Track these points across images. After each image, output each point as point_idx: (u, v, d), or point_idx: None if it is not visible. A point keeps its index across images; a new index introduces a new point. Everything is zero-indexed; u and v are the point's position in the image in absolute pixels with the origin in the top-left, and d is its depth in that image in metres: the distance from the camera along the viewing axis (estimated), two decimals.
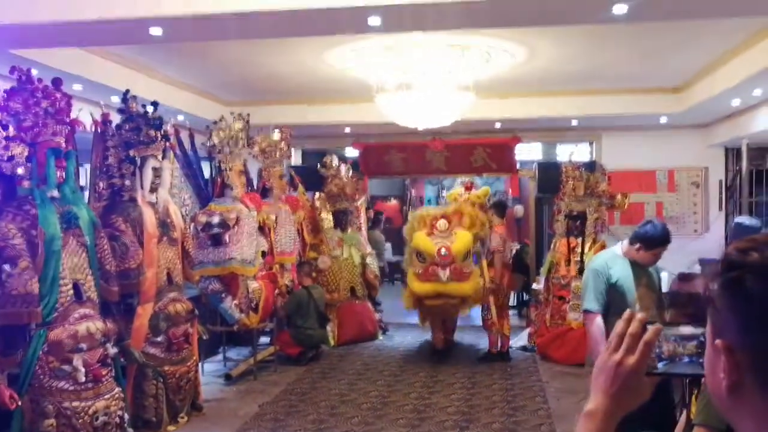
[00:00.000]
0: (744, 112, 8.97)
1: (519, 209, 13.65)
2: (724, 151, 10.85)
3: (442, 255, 7.69)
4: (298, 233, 8.81)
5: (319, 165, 10.01)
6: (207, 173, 7.74)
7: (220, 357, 8.19)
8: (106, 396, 4.81)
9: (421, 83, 7.49)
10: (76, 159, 5.07)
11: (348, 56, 7.37)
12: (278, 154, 8.58)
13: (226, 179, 7.33)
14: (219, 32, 5.56)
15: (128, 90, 5.91)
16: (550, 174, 9.35)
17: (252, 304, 7.33)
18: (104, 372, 4.82)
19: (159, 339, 5.86)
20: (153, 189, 5.96)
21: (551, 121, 10.38)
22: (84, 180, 6.56)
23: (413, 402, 6.75)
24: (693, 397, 2.63)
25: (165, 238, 6.05)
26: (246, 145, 7.65)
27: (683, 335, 1.14)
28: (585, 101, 9.54)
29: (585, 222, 8.49)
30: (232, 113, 7.63)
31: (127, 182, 5.77)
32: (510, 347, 8.62)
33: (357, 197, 10.33)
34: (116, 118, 5.86)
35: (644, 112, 9.65)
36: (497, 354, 8.40)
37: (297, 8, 4.75)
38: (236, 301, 7.13)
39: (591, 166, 9.12)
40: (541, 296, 9.02)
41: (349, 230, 9.98)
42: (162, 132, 6.02)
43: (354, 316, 9.54)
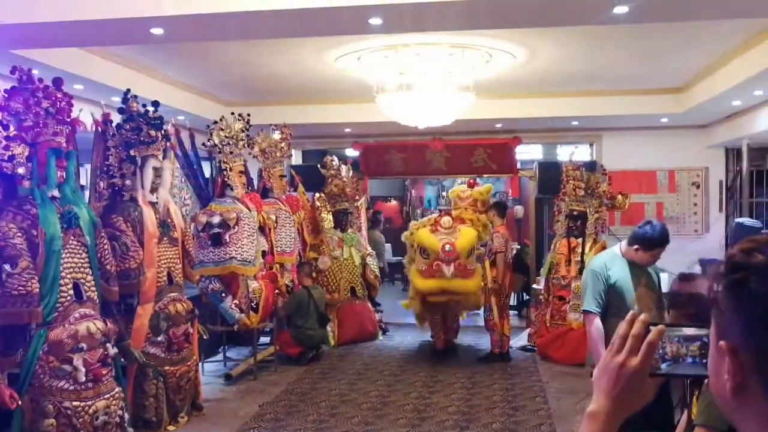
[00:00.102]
0: (744, 113, 8.98)
1: (519, 210, 13.65)
2: (725, 152, 10.86)
3: (447, 251, 7.67)
4: (299, 233, 8.81)
5: (320, 165, 10.01)
6: (207, 173, 7.74)
7: (221, 357, 8.19)
8: (107, 396, 4.81)
9: (422, 83, 7.50)
10: (77, 159, 5.07)
11: (348, 56, 7.37)
12: (278, 154, 8.58)
13: (227, 179, 7.32)
14: (220, 32, 5.56)
15: (129, 90, 5.91)
16: (551, 174, 9.35)
17: (252, 304, 7.32)
18: (104, 372, 4.82)
19: (159, 339, 5.85)
20: (153, 189, 5.95)
21: (551, 122, 10.39)
22: (84, 180, 6.56)
23: (413, 402, 6.75)
24: (694, 398, 2.63)
25: (165, 238, 6.05)
26: (246, 145, 7.65)
27: (686, 336, 1.13)
28: (585, 102, 9.54)
29: (585, 222, 8.48)
30: (233, 113, 7.64)
31: (128, 182, 5.77)
32: (510, 347, 8.62)
33: (357, 197, 10.33)
34: (117, 118, 5.86)
35: (645, 113, 9.66)
36: (498, 354, 8.40)
37: (298, 8, 4.76)
38: (236, 301, 7.13)
39: (591, 167, 9.12)
40: (542, 296, 9.02)
41: (349, 230, 9.97)
42: (162, 132, 6.01)
43: (354, 316, 9.54)
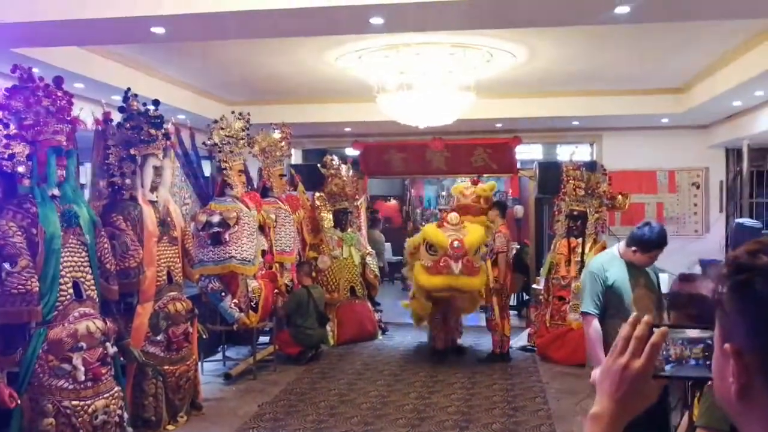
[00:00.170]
0: (745, 113, 8.98)
1: (519, 209, 13.65)
2: (725, 152, 10.86)
3: (455, 247, 7.59)
4: (298, 233, 8.81)
5: (319, 164, 10.01)
6: (207, 172, 7.74)
7: (220, 356, 8.18)
8: (106, 395, 4.80)
9: (422, 83, 7.49)
10: (77, 157, 5.06)
11: (349, 56, 7.37)
12: (278, 154, 8.57)
13: (227, 178, 7.32)
14: (220, 31, 5.56)
15: (129, 89, 5.90)
16: (551, 174, 9.35)
17: (252, 303, 7.32)
18: (104, 371, 4.82)
19: (159, 338, 5.85)
20: (153, 188, 5.95)
21: (552, 122, 10.39)
22: (84, 178, 6.56)
23: (413, 402, 6.74)
24: (695, 399, 2.62)
25: (165, 237, 6.05)
26: (246, 145, 7.65)
27: (690, 338, 1.13)
28: (586, 102, 9.54)
29: (585, 222, 8.48)
30: (233, 112, 7.63)
31: (128, 181, 5.77)
32: (510, 348, 8.62)
33: (357, 197, 10.32)
34: (117, 117, 5.86)
35: (645, 113, 9.66)
36: (498, 354, 8.39)
37: (299, 7, 4.75)
38: (236, 300, 7.12)
39: (591, 167, 9.12)
40: (541, 297, 9.01)
41: (349, 230, 9.97)
42: (163, 131, 6.01)
43: (354, 316, 9.53)
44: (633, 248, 4.29)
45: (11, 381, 4.44)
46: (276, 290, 7.89)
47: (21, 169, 4.55)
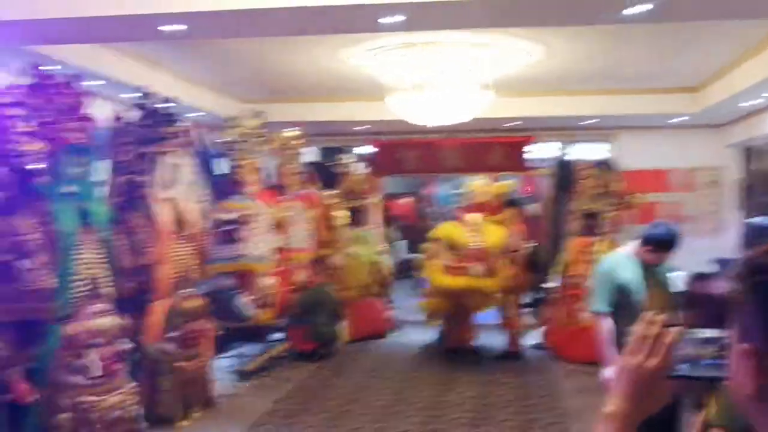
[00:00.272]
0: (761, 112, 8.91)
1: (533, 208, 13.58)
2: (741, 151, 10.77)
3: (477, 249, 7.47)
4: (312, 230, 8.82)
5: (334, 162, 10.01)
6: (223, 170, 7.76)
7: (234, 353, 8.20)
8: (120, 391, 4.83)
9: (439, 81, 7.47)
10: (93, 155, 5.09)
11: (366, 54, 7.37)
12: (293, 152, 8.59)
13: (242, 176, 7.34)
14: (237, 29, 5.58)
15: (145, 87, 5.93)
16: (566, 173, 9.30)
17: (265, 301, 7.34)
18: (118, 367, 4.85)
19: (173, 335, 5.88)
20: (169, 185, 5.98)
21: (568, 120, 10.35)
22: (101, 176, 6.59)
23: (426, 399, 6.74)
24: (710, 399, 2.61)
25: (179, 235, 6.07)
26: (261, 143, 7.66)
27: (705, 338, 1.12)
28: (602, 100, 9.50)
29: (600, 221, 8.44)
30: (248, 110, 7.65)
31: (144, 178, 5.80)
32: (524, 346, 8.59)
33: (371, 195, 10.32)
34: (133, 115, 5.88)
35: (661, 112, 9.61)
36: (512, 353, 8.36)
37: (316, 5, 4.75)
38: (250, 297, 7.15)
39: (606, 165, 9.06)
40: (555, 295, 8.97)
41: (363, 228, 9.97)
42: (178, 129, 6.03)
43: (367, 313, 9.53)
44: (646, 248, 4.26)
45: (28, 376, 4.48)
46: (290, 287, 7.90)
47: (37, 167, 4.58)
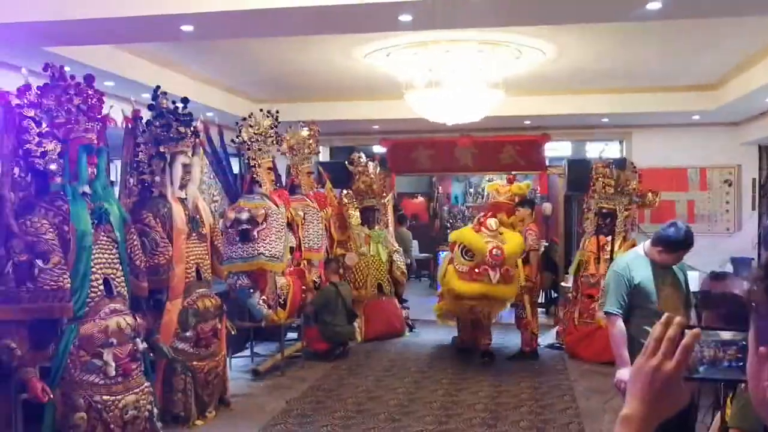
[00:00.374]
0: None
1: (547, 207, 13.55)
2: (758, 150, 10.67)
3: (495, 255, 7.22)
4: (326, 230, 8.83)
5: (347, 162, 10.02)
6: (236, 170, 7.78)
7: (248, 352, 8.23)
8: (136, 390, 4.84)
9: (451, 80, 7.45)
10: (107, 155, 5.11)
11: (377, 53, 7.36)
12: (306, 151, 8.60)
13: (255, 176, 7.35)
14: (249, 29, 5.59)
15: (159, 87, 5.95)
16: (580, 172, 9.26)
17: (280, 300, 7.35)
18: (134, 366, 4.86)
19: (187, 334, 5.89)
20: (183, 185, 6.00)
21: (581, 119, 10.30)
22: (115, 176, 6.63)
23: (440, 399, 6.73)
24: (728, 400, 2.59)
25: (194, 234, 6.09)
26: (275, 142, 7.67)
27: (723, 340, 1.11)
28: (615, 99, 9.44)
29: (615, 220, 8.40)
30: (261, 110, 7.66)
31: (157, 178, 5.83)
32: (538, 345, 8.56)
33: (384, 194, 10.32)
34: (147, 115, 5.91)
35: (676, 110, 9.53)
36: (527, 353, 8.32)
37: (328, 5, 4.75)
38: (264, 297, 7.16)
39: (621, 164, 9.02)
40: (570, 294, 8.94)
41: (376, 227, 9.97)
42: (192, 128, 6.05)
43: (381, 313, 9.54)
44: (659, 248, 4.23)
45: (44, 376, 4.50)
46: (304, 287, 7.92)
47: (53, 167, 4.60)
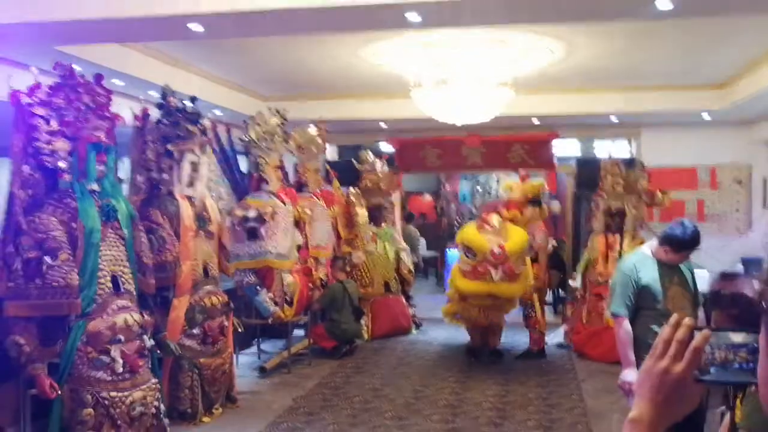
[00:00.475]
0: None
1: (555, 205, 13.52)
2: None
3: (496, 254, 7.14)
4: (333, 228, 8.83)
5: (355, 160, 10.01)
6: (244, 168, 7.79)
7: (255, 350, 8.25)
8: (143, 387, 4.86)
9: (460, 79, 7.43)
10: (116, 153, 5.12)
11: (385, 52, 7.35)
12: (314, 149, 8.59)
13: (263, 174, 7.36)
14: (258, 28, 5.58)
15: (167, 85, 5.96)
16: (589, 170, 9.24)
17: (287, 298, 7.36)
18: (141, 363, 4.87)
19: (195, 331, 5.91)
20: (190, 183, 6.02)
21: (590, 118, 10.26)
22: (123, 174, 6.65)
23: (447, 397, 6.72)
24: (738, 401, 2.57)
25: (201, 232, 6.10)
26: (282, 140, 7.68)
27: (734, 342, 1.09)
28: (625, 97, 9.41)
29: (624, 219, 8.37)
30: (270, 108, 7.66)
31: (165, 176, 5.84)
32: (546, 344, 8.53)
33: (392, 192, 10.31)
34: (155, 113, 5.92)
35: (686, 109, 9.49)
36: (535, 352, 8.30)
37: (336, 4, 4.75)
38: (271, 294, 7.18)
39: (630, 163, 8.98)
40: (578, 293, 8.91)
41: (384, 225, 9.97)
42: (200, 127, 6.06)
43: (388, 311, 9.54)
44: (665, 248, 4.19)
45: (52, 372, 4.52)
46: (311, 285, 7.92)
47: (62, 165, 4.61)
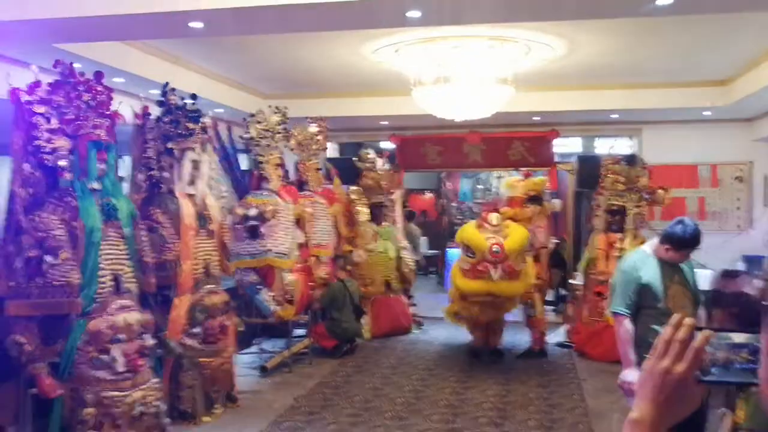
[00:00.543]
0: None
1: (556, 203, 13.49)
2: None
3: (494, 252, 7.09)
4: (334, 226, 8.82)
5: (355, 158, 10.00)
6: (244, 166, 7.78)
7: (256, 349, 8.24)
8: (144, 386, 4.86)
9: (460, 76, 7.42)
10: (116, 151, 5.12)
11: (386, 49, 7.34)
12: (315, 147, 8.60)
13: (263, 172, 7.35)
14: (258, 26, 5.57)
15: (167, 83, 5.96)
16: (590, 168, 9.22)
17: (287, 297, 7.36)
18: (142, 362, 4.88)
19: (195, 330, 5.91)
20: (191, 181, 6.02)
21: (591, 115, 10.25)
22: (124, 172, 6.64)
23: (448, 397, 6.71)
24: (739, 401, 2.57)
25: (202, 231, 6.11)
26: (283, 138, 7.67)
27: (735, 342, 1.08)
28: (626, 95, 9.38)
29: (625, 217, 8.35)
30: (270, 106, 7.65)
31: (166, 174, 5.84)
32: (547, 344, 8.52)
33: (393, 191, 10.30)
34: (156, 111, 5.91)
35: (687, 106, 9.47)
36: (536, 351, 8.28)
37: (336, 1, 4.73)
38: (272, 293, 7.17)
39: (631, 161, 8.96)
40: (579, 292, 8.90)
41: (385, 224, 9.96)
42: (200, 125, 6.06)
43: (389, 310, 9.53)
44: (666, 246, 4.18)
45: (53, 371, 4.53)
46: (311, 283, 7.91)
47: (62, 163, 4.62)
